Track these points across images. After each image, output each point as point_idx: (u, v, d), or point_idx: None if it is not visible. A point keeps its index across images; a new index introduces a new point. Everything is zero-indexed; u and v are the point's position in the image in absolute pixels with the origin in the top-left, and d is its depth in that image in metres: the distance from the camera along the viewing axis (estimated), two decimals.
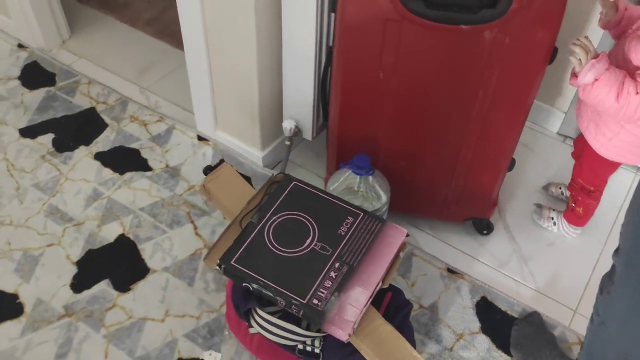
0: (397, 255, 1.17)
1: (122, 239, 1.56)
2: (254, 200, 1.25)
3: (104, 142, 1.81)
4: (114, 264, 1.51)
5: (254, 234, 1.18)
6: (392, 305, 1.20)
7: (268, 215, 1.21)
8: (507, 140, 1.36)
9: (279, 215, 1.21)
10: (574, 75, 1.21)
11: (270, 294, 1.10)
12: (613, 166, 1.38)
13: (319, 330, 1.16)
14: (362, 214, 1.22)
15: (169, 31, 2.26)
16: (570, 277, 1.55)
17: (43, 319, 1.39)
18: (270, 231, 1.18)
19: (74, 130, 1.84)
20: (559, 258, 1.59)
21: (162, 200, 1.66)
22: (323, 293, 1.09)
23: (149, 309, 1.42)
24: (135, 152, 1.79)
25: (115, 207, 1.64)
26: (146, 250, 1.54)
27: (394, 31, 1.19)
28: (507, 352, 1.38)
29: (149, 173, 1.73)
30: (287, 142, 1.65)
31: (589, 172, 1.43)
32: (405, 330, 1.22)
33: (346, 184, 1.38)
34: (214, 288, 1.47)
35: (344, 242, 1.17)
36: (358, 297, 1.09)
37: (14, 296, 1.43)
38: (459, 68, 1.23)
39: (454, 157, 1.40)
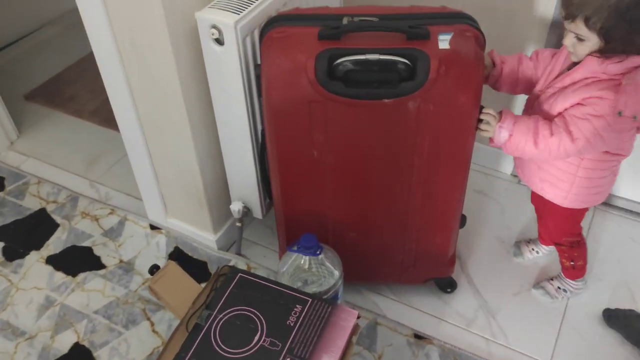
0: (349, 340, 1.13)
1: (77, 348, 1.50)
2: (200, 299, 1.21)
3: (55, 244, 1.77)
4: None
5: (200, 336, 1.13)
6: None
7: (215, 314, 1.16)
8: (451, 200, 1.34)
9: (226, 312, 1.17)
10: (492, 139, 1.22)
11: None
12: (585, 210, 1.37)
13: None
14: (310, 300, 1.18)
15: (113, 118, 2.25)
16: (540, 326, 1.52)
17: None
18: (218, 331, 1.14)
19: (24, 235, 1.80)
20: (526, 307, 1.56)
21: (116, 300, 1.61)
22: None
23: None
24: (88, 251, 1.75)
25: (69, 314, 1.58)
26: (102, 357, 1.48)
27: (320, 111, 1.19)
28: None
29: (102, 271, 1.68)
30: (238, 224, 1.62)
31: (568, 225, 1.41)
32: None
33: (295, 265, 1.35)
34: None
35: (294, 333, 1.13)
36: None
37: None
38: (389, 138, 1.22)
39: (401, 222, 1.38)
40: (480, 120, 1.20)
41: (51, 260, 1.72)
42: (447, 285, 1.58)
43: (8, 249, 1.76)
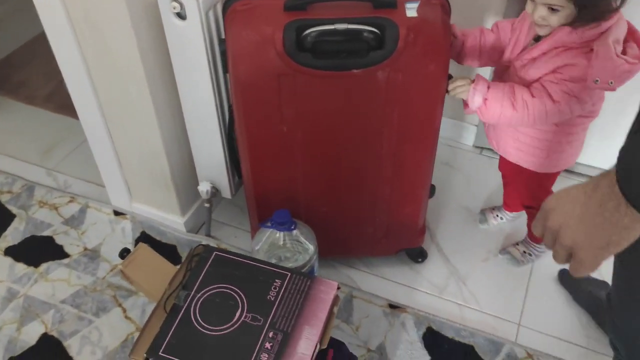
0: (331, 311, 1.13)
1: (45, 339, 1.45)
2: (176, 279, 1.19)
3: (13, 234, 1.70)
4: None
5: (179, 316, 1.11)
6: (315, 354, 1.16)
7: (192, 293, 1.15)
8: (421, 171, 1.36)
9: (204, 291, 1.15)
10: (466, 105, 1.23)
11: None
12: (556, 174, 1.41)
13: None
14: (289, 274, 1.18)
15: (69, 105, 2.17)
16: (508, 289, 1.56)
17: None
18: (197, 310, 1.12)
19: None
20: (494, 272, 1.60)
21: (84, 288, 1.56)
22: None
23: None
24: (49, 240, 1.68)
25: (34, 305, 1.52)
26: (73, 347, 1.44)
27: (289, 84, 1.17)
28: None
29: (66, 260, 1.63)
30: (207, 205, 1.60)
31: (541, 189, 1.44)
32: None
33: (270, 241, 1.34)
34: None
35: (275, 307, 1.12)
36: None
37: None
38: (359, 109, 1.22)
39: (372, 195, 1.39)
40: (447, 92, 1.22)
41: (10, 252, 1.65)
42: (418, 255, 1.60)
43: None
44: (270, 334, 1.08)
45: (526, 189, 1.48)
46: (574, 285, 1.54)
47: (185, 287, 1.16)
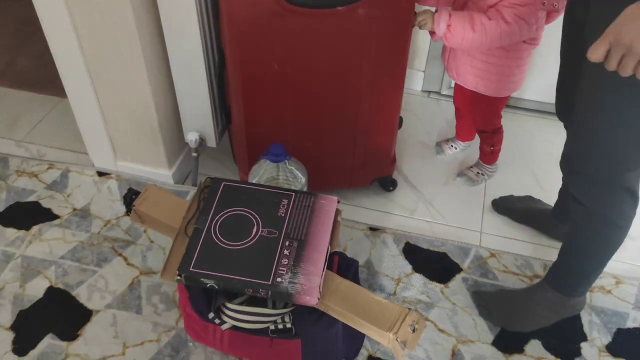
0: (335, 220, 1.29)
1: (52, 291, 1.51)
2: (191, 209, 1.30)
3: None
4: (52, 317, 1.46)
5: (202, 237, 1.23)
6: (342, 265, 1.33)
7: (210, 217, 1.27)
8: (394, 101, 1.54)
9: (220, 215, 1.27)
10: (433, 33, 1.43)
11: (238, 286, 1.17)
12: (506, 99, 1.63)
13: (286, 306, 1.25)
14: (293, 193, 1.32)
15: (25, 80, 2.18)
16: (469, 205, 1.79)
17: None
18: (217, 231, 1.25)
19: None
20: (455, 193, 1.83)
21: (81, 244, 1.63)
22: (283, 270, 1.19)
23: (105, 348, 1.40)
24: (35, 205, 1.72)
25: (33, 263, 1.57)
26: (82, 294, 1.51)
27: (280, 24, 1.31)
28: (441, 282, 1.57)
29: (57, 221, 1.68)
30: (194, 154, 1.70)
31: (492, 116, 1.66)
32: (358, 284, 1.35)
33: (266, 176, 1.48)
34: (164, 308, 1.49)
35: (287, 221, 1.27)
36: (315, 264, 1.20)
37: None
38: (342, 45, 1.38)
39: (352, 126, 1.56)
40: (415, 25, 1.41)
41: None
42: (390, 184, 1.80)
43: None
44: (287, 243, 1.23)
45: (481, 115, 1.71)
46: (507, 210, 1.76)
47: (202, 214, 1.28)
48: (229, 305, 1.20)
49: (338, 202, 1.33)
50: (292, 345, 1.27)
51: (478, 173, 1.84)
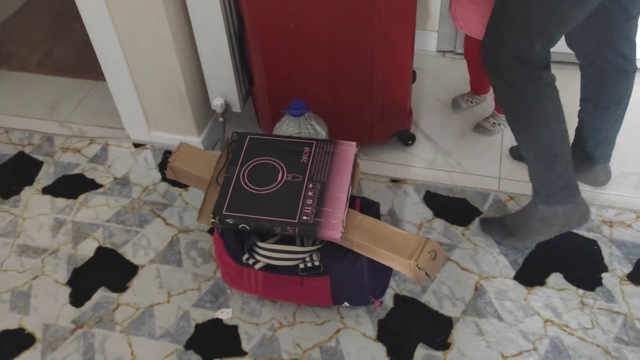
0: (355, 163, 1.38)
1: (101, 250, 1.65)
2: (221, 161, 1.41)
3: (45, 177, 1.87)
4: (103, 272, 1.60)
5: (232, 184, 1.34)
6: (363, 207, 1.42)
7: (238, 167, 1.37)
8: (406, 52, 1.61)
9: (248, 164, 1.38)
10: None
11: (267, 225, 1.27)
12: None
13: (314, 244, 1.35)
14: (314, 141, 1.42)
15: (62, 67, 2.32)
16: (486, 153, 1.85)
17: (57, 338, 1.46)
18: (246, 178, 1.35)
19: (11, 176, 1.88)
20: (472, 143, 1.89)
21: (123, 208, 1.76)
22: (308, 209, 1.28)
23: (152, 297, 1.53)
24: (80, 177, 1.87)
25: (82, 227, 1.71)
26: (128, 252, 1.64)
27: None
28: (461, 225, 1.64)
29: (100, 190, 1.82)
30: (221, 119, 1.82)
31: None
32: None
33: (288, 131, 1.57)
34: (202, 261, 1.61)
35: (309, 166, 1.36)
36: (337, 202, 1.29)
37: (20, 330, 1.48)
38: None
39: (368, 79, 1.63)
40: None
41: (47, 191, 1.83)
42: (408, 138, 1.87)
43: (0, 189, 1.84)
44: (310, 185, 1.33)
45: None
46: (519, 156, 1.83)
47: (231, 164, 1.39)
48: (260, 244, 1.31)
49: (357, 146, 1.41)
50: (322, 283, 1.37)
51: (494, 123, 1.90)
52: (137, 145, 1.94)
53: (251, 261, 1.35)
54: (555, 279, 1.50)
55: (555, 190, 1.43)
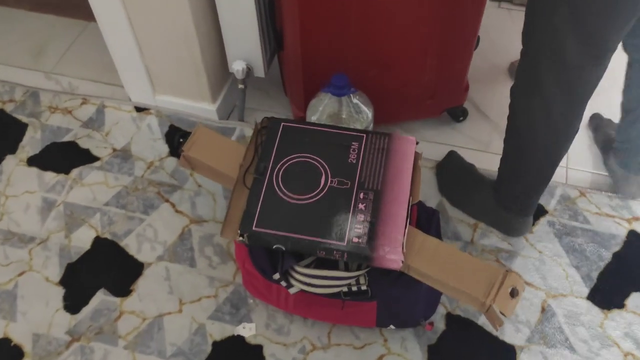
0: (415, 166, 1.11)
1: (100, 242, 1.40)
2: (248, 155, 1.14)
3: (31, 144, 1.59)
4: (103, 270, 1.36)
5: (263, 190, 1.08)
6: (421, 217, 1.17)
7: (270, 165, 1.10)
8: (474, 15, 1.30)
9: (282, 162, 1.11)
10: None
11: (309, 248, 1.02)
12: None
13: (359, 267, 1.11)
14: (364, 135, 1.14)
15: (47, 1, 1.97)
16: None
17: (49, 352, 1.24)
18: (280, 182, 1.09)
19: None
20: None
21: (125, 188, 1.49)
22: (360, 228, 1.03)
23: (161, 304, 1.30)
24: (72, 145, 1.58)
25: (77, 211, 1.45)
26: (131, 245, 1.39)
27: None
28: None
29: (97, 163, 1.54)
30: (241, 86, 1.52)
31: None
32: (441, 238, 1.19)
33: (327, 112, 1.29)
34: (219, 261, 1.37)
35: (359, 169, 1.10)
36: (395, 220, 1.04)
37: (6, 340, 1.26)
38: None
39: (423, 50, 1.33)
40: None
41: (34, 161, 1.55)
42: (460, 114, 1.59)
43: None
44: (361, 195, 1.07)
45: None
46: (595, 125, 1.57)
47: (261, 161, 1.11)
48: (299, 268, 1.07)
49: (417, 143, 1.14)
50: (367, 307, 1.14)
51: None
52: (139, 110, 1.64)
53: (284, 284, 1.11)
54: (637, 300, 1.28)
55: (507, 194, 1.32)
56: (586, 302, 1.28)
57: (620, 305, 1.27)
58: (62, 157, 1.56)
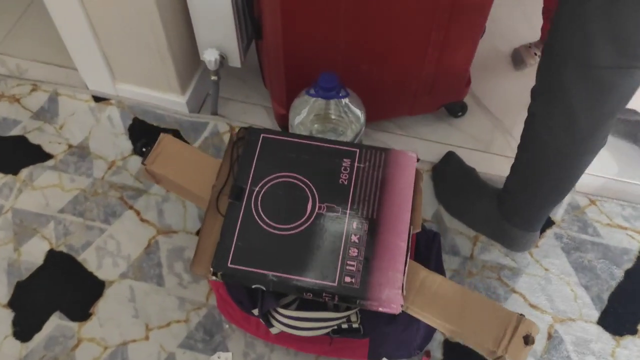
0: (416, 188, 0.96)
1: (54, 256, 1.24)
2: (222, 173, 0.97)
3: None
4: (57, 290, 1.20)
5: (240, 218, 0.92)
6: (420, 242, 1.03)
7: (248, 187, 0.94)
8: (486, 2, 1.13)
9: (262, 183, 0.95)
10: None
11: (293, 288, 0.87)
12: None
13: (348, 307, 0.97)
14: (357, 149, 0.98)
15: None
16: None
17: None
18: (259, 208, 0.93)
19: None
20: None
21: (82, 192, 1.32)
22: (352, 265, 0.88)
23: (125, 330, 1.15)
24: (21, 140, 1.39)
25: (27, 219, 1.28)
26: (90, 261, 1.23)
27: None
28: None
29: (50, 162, 1.36)
30: (214, 77, 1.33)
31: None
32: (442, 267, 1.06)
33: (314, 113, 1.12)
34: (190, 279, 1.22)
35: (352, 192, 0.94)
36: (393, 254, 0.89)
37: None
38: None
39: (424, 41, 1.16)
40: None
41: None
42: (459, 109, 1.43)
43: None
44: (354, 225, 0.91)
45: None
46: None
47: (238, 181, 0.95)
48: (281, 311, 0.92)
49: (418, 160, 0.99)
50: (358, 343, 1.01)
51: (535, 55, 1.49)
52: (98, 99, 1.45)
53: (264, 322, 0.97)
54: None
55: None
56: (596, 328, 1.17)
57: (633, 331, 1.16)
58: (10, 154, 1.37)
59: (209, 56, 1.26)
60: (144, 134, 1.40)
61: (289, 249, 0.90)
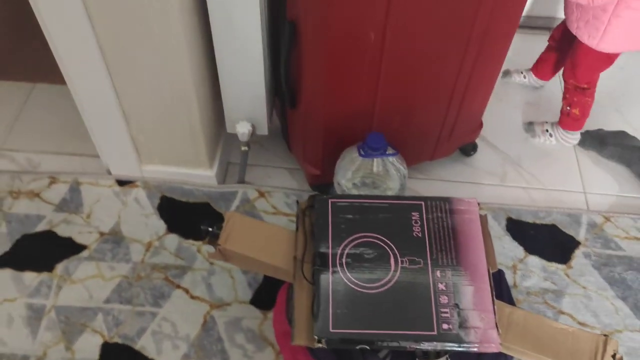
0: (484, 230, 1.03)
1: (109, 349, 1.20)
2: (299, 242, 1.00)
3: None
4: None
5: (330, 282, 0.95)
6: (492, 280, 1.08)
7: (330, 252, 0.97)
8: (503, 52, 1.23)
9: (343, 246, 0.98)
10: None
11: (396, 343, 0.90)
12: (610, 59, 1.35)
13: (438, 354, 1.01)
14: (422, 202, 1.04)
15: None
16: (562, 161, 1.56)
17: None
18: (346, 270, 0.96)
19: None
20: (540, 147, 1.59)
21: (125, 279, 1.30)
22: (446, 312, 0.93)
23: None
24: (50, 235, 1.36)
25: (73, 315, 1.24)
26: (148, 347, 1.21)
27: None
28: (561, 262, 1.36)
29: (85, 253, 1.33)
30: (244, 148, 1.36)
31: (585, 70, 1.39)
32: (513, 300, 1.12)
33: (361, 174, 1.18)
34: (254, 348, 1.22)
35: (427, 243, 0.99)
36: (481, 297, 0.95)
37: None
38: None
39: (449, 91, 1.25)
40: None
41: (5, 262, 1.32)
42: (471, 149, 1.53)
43: None
44: (438, 273, 0.96)
45: (582, 62, 1.41)
46: (596, 145, 1.56)
47: (320, 248, 0.98)
48: None
49: (478, 204, 1.06)
50: None
51: (547, 132, 1.57)
52: (122, 183, 1.44)
53: None
54: None
55: None
56: None
57: None
58: (40, 251, 1.34)
59: (242, 128, 1.30)
60: (174, 211, 1.40)
61: (384, 305, 0.93)
